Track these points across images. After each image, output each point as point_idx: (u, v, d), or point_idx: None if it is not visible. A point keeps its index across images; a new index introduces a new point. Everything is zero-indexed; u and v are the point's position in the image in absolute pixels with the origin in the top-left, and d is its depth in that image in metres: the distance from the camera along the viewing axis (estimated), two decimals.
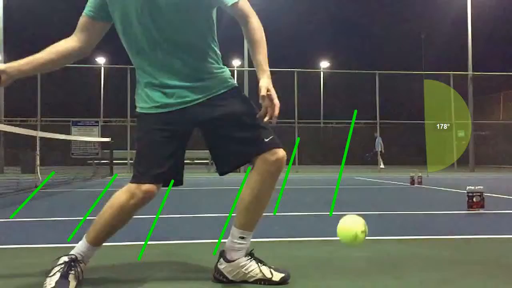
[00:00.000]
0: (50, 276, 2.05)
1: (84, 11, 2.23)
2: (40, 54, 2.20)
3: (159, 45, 2.13)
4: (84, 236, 2.18)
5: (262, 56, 2.14)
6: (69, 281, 2.04)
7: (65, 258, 2.11)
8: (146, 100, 2.20)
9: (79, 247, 2.16)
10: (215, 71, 2.22)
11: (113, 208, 2.14)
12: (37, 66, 2.20)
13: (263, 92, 2.04)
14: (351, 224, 2.23)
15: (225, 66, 2.30)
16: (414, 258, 2.79)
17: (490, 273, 2.43)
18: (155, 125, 2.16)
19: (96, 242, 2.16)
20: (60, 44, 2.24)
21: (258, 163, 2.14)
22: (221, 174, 2.26)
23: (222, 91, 2.21)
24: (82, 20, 2.24)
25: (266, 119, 2.04)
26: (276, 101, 2.04)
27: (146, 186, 2.11)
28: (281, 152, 2.16)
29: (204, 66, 2.19)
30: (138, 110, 2.24)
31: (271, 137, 2.16)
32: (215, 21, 2.24)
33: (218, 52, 2.26)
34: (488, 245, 3.27)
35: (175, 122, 2.15)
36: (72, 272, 2.07)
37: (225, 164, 2.23)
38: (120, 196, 2.15)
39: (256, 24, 2.16)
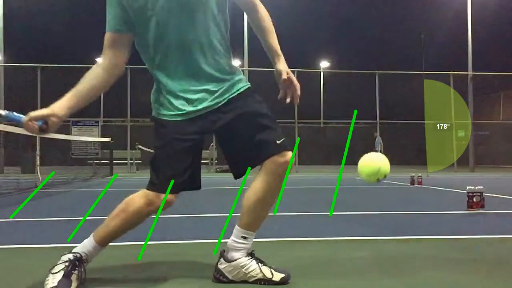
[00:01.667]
0: (53, 273, 2.05)
1: (108, 28, 2.13)
2: (80, 84, 2.09)
3: (186, 48, 2.11)
4: (92, 235, 2.17)
5: (274, 41, 2.26)
6: (72, 281, 2.03)
7: (70, 256, 2.10)
8: (169, 107, 2.15)
9: (85, 246, 2.14)
10: (232, 70, 2.23)
11: (128, 212, 2.13)
12: (82, 97, 2.08)
13: (284, 75, 2.19)
14: (379, 160, 2.31)
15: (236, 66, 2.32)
16: (414, 258, 2.79)
17: (490, 273, 2.43)
18: (177, 134, 2.13)
19: (103, 243, 2.16)
20: (95, 67, 2.15)
21: (267, 164, 2.14)
22: (237, 177, 2.26)
23: (239, 92, 2.20)
24: (108, 37, 2.14)
25: (287, 100, 2.21)
26: (296, 82, 2.21)
27: (167, 196, 2.12)
28: (289, 154, 2.17)
29: (224, 66, 2.19)
30: (158, 116, 2.19)
31: (283, 139, 2.17)
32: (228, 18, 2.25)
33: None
34: (488, 245, 3.27)
35: (195, 130, 2.14)
36: (76, 272, 2.06)
37: (241, 166, 2.22)
38: (137, 201, 2.13)
39: (264, 12, 2.26)
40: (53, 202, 6.54)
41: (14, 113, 2.01)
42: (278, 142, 2.15)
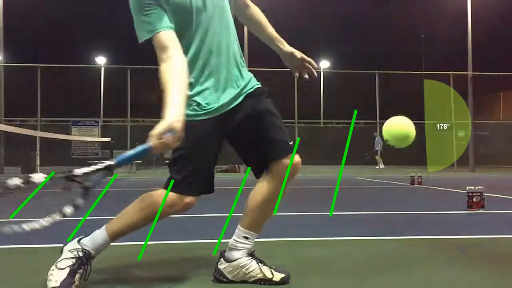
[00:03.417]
0: (58, 269, 2.04)
1: (156, 28, 2.00)
2: (176, 82, 1.94)
3: (216, 46, 2.12)
4: (104, 229, 2.13)
5: (273, 30, 2.38)
6: (75, 281, 2.02)
7: (80, 252, 2.08)
8: (195, 108, 2.11)
9: (96, 241, 2.11)
10: (245, 65, 2.25)
11: (148, 211, 2.12)
12: (184, 96, 1.95)
13: (297, 55, 2.35)
14: (410, 130, 2.34)
15: None
16: (414, 258, 2.79)
17: (490, 272, 2.43)
18: (203, 134, 2.10)
19: (115, 237, 2.14)
20: (173, 65, 1.98)
21: (275, 166, 2.14)
22: (259, 176, 2.24)
23: (252, 89, 2.21)
24: (162, 36, 2.00)
25: (306, 76, 2.37)
26: (309, 59, 2.36)
27: (190, 199, 2.11)
28: (297, 157, 2.17)
29: (241, 63, 2.21)
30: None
31: (292, 142, 2.18)
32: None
33: None
34: (488, 245, 3.27)
35: (219, 130, 2.13)
36: (80, 271, 2.05)
37: (260, 165, 2.21)
38: (157, 201, 2.11)
39: (255, 6, 2.38)
40: (53, 202, 6.53)
41: (128, 152, 1.88)
42: (290, 143, 2.17)
